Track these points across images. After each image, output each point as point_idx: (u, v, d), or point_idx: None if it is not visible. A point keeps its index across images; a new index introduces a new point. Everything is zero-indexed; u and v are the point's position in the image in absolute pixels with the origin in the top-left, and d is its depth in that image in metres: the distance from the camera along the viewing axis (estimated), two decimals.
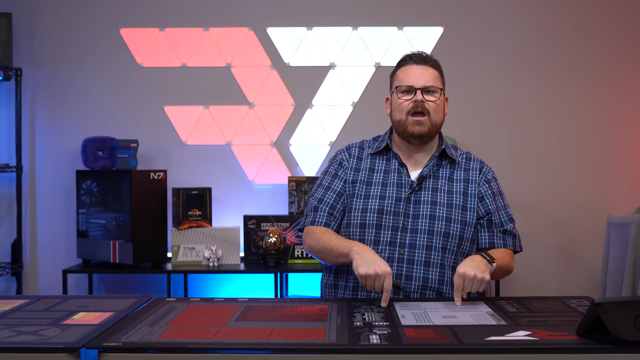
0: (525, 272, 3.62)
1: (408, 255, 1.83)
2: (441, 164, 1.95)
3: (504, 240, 1.90)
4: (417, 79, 1.90)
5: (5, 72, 3.48)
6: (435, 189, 1.90)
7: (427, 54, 1.97)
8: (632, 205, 3.57)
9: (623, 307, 1.23)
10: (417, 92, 1.88)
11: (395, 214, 1.86)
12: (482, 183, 1.94)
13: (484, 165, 1.99)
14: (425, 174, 1.91)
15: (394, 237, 1.84)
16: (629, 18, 3.62)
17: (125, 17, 3.66)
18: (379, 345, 1.29)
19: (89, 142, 3.41)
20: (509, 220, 1.93)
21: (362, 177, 1.94)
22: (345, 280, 1.88)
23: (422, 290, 1.81)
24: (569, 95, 3.64)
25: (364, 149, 2.00)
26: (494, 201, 1.93)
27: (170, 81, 3.67)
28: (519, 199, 3.61)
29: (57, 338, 1.35)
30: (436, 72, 1.94)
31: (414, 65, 1.93)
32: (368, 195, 1.90)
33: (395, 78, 1.96)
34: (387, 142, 1.97)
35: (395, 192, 1.89)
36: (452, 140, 3.52)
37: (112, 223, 3.38)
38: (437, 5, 3.64)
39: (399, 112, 1.91)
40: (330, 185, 1.95)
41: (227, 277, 3.62)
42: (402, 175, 1.91)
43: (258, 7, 3.66)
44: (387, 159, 1.97)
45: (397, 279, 1.78)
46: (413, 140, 1.92)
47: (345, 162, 1.99)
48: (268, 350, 1.28)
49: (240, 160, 3.67)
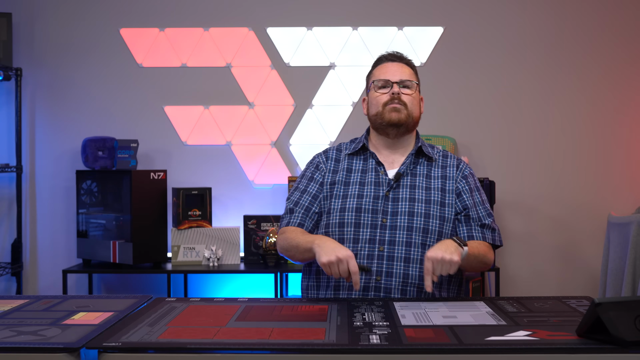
0: (525, 272, 3.62)
1: (388, 252, 1.84)
2: (418, 161, 1.97)
3: (483, 234, 1.91)
4: (393, 74, 1.95)
5: (5, 72, 3.48)
6: (413, 186, 1.92)
7: (401, 53, 2.02)
8: (632, 205, 3.57)
9: (623, 307, 1.23)
10: (394, 85, 1.92)
11: (374, 212, 1.87)
12: (460, 179, 1.96)
13: (461, 161, 2.02)
14: (402, 172, 1.93)
15: (373, 234, 1.85)
16: (629, 18, 3.62)
17: (125, 17, 3.66)
18: (379, 345, 1.29)
19: (89, 142, 3.41)
20: (487, 215, 1.94)
21: (339, 178, 1.96)
22: (327, 280, 1.89)
23: (403, 287, 1.82)
24: (569, 95, 3.64)
25: (342, 151, 2.03)
26: (472, 197, 1.94)
27: (170, 81, 3.67)
28: (519, 199, 3.61)
29: (57, 338, 1.35)
30: (411, 69, 1.99)
31: (389, 62, 1.98)
32: (346, 195, 1.91)
33: (371, 76, 2.01)
34: (364, 142, 2.00)
35: (373, 191, 1.91)
36: (452, 141, 3.52)
37: (112, 223, 3.38)
38: (437, 5, 3.64)
39: (376, 105, 1.95)
40: (306, 189, 1.98)
41: (227, 277, 3.62)
42: (379, 173, 1.93)
43: (258, 7, 3.66)
44: (364, 158, 1.99)
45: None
46: (391, 130, 1.94)
47: (322, 164, 2.01)
48: (268, 350, 1.28)
49: (240, 160, 3.67)
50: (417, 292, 1.83)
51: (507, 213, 3.61)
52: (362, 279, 1.81)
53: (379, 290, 1.82)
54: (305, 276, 1.97)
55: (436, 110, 3.64)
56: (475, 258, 1.82)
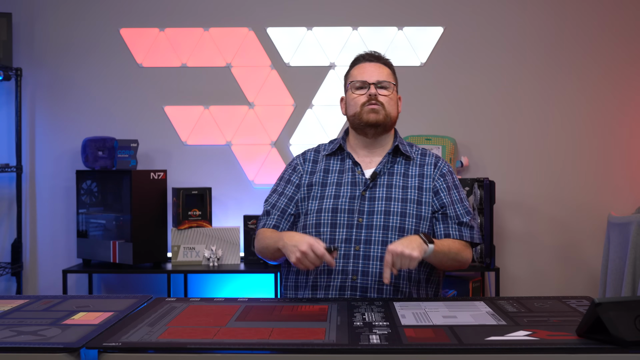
0: (525, 272, 3.62)
1: (364, 251, 1.84)
2: (396, 160, 1.98)
3: (460, 232, 1.91)
4: (370, 74, 1.96)
5: (5, 72, 3.48)
6: (389, 185, 1.92)
7: (379, 53, 2.03)
8: (632, 205, 3.57)
9: (623, 307, 1.23)
10: (371, 86, 1.94)
11: (350, 212, 1.88)
12: (437, 177, 1.97)
13: (439, 160, 2.02)
14: (378, 171, 1.94)
15: (349, 234, 1.86)
16: (629, 18, 3.62)
17: (125, 17, 3.66)
18: (379, 345, 1.29)
19: (89, 142, 3.41)
20: (465, 213, 1.94)
21: (317, 178, 1.97)
22: (305, 281, 1.90)
23: (379, 286, 1.83)
24: (569, 95, 3.64)
25: (320, 152, 2.04)
26: (449, 195, 1.95)
27: (170, 81, 3.67)
28: (519, 199, 3.61)
29: (57, 338, 1.35)
30: (389, 69, 2.00)
31: (367, 63, 1.99)
32: (323, 196, 1.93)
33: (349, 76, 2.02)
34: (341, 142, 2.01)
35: (350, 191, 1.92)
36: (452, 141, 3.52)
37: (112, 223, 3.38)
38: (437, 5, 3.64)
39: (354, 106, 1.96)
40: (283, 191, 2.00)
41: (227, 277, 3.62)
42: (355, 173, 1.94)
43: (258, 7, 3.66)
44: (341, 159, 2.00)
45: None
46: (369, 130, 1.95)
47: (299, 166, 2.03)
48: (268, 350, 1.28)
49: (240, 160, 3.67)
50: (394, 291, 1.84)
51: (507, 213, 3.61)
52: (339, 278, 1.83)
53: (355, 290, 1.83)
54: (284, 277, 1.99)
55: (436, 110, 3.64)
56: (445, 255, 1.83)
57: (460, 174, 3.59)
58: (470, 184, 3.24)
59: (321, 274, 1.85)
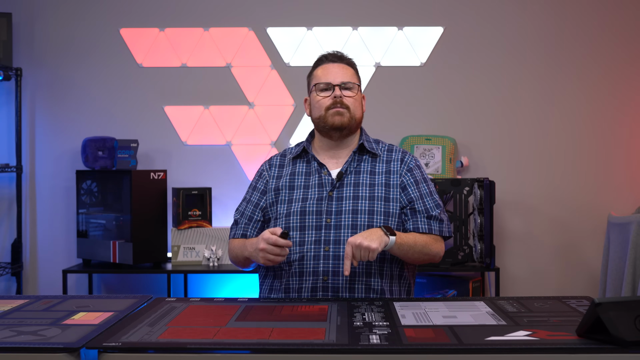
0: (525, 272, 3.62)
1: (333, 251, 1.85)
2: (362, 158, 1.98)
3: (429, 225, 1.91)
4: (334, 76, 1.95)
5: (5, 72, 3.48)
6: (356, 184, 1.92)
7: (342, 53, 2.02)
8: (632, 205, 3.57)
9: (623, 307, 1.24)
10: (335, 88, 1.93)
11: (318, 213, 1.89)
12: (404, 173, 1.96)
13: (406, 154, 2.01)
14: (344, 170, 1.94)
15: (318, 235, 1.87)
16: (629, 18, 3.62)
17: (125, 17, 3.66)
18: (379, 345, 1.29)
19: (89, 142, 3.41)
20: (434, 207, 1.94)
21: (284, 182, 1.98)
22: (279, 284, 1.91)
23: (351, 285, 1.83)
24: (569, 95, 3.63)
25: (286, 156, 2.05)
26: (417, 189, 1.94)
27: (171, 81, 3.67)
28: (519, 199, 3.61)
29: (57, 338, 1.35)
30: (352, 69, 1.99)
31: (330, 63, 1.98)
32: (291, 200, 1.93)
33: (312, 77, 2.00)
34: (305, 145, 2.01)
35: (317, 192, 1.92)
36: (452, 141, 3.52)
37: (112, 223, 3.38)
38: (437, 5, 3.64)
39: (318, 109, 1.95)
40: (250, 198, 2.02)
41: (227, 277, 3.62)
42: (322, 174, 1.94)
43: (258, 7, 3.66)
44: (307, 161, 2.00)
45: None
46: (334, 133, 1.95)
47: (265, 172, 2.04)
48: (268, 351, 1.28)
49: (240, 160, 3.67)
50: (365, 289, 1.84)
51: (507, 213, 3.61)
52: (310, 279, 1.84)
53: (327, 290, 1.83)
54: (260, 282, 2.01)
55: (436, 110, 3.64)
56: (411, 248, 1.83)
57: (460, 174, 3.59)
58: (470, 184, 3.24)
59: (293, 277, 1.87)
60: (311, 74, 2.01)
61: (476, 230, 3.21)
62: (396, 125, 3.61)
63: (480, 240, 3.20)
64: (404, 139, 3.55)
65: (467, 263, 3.24)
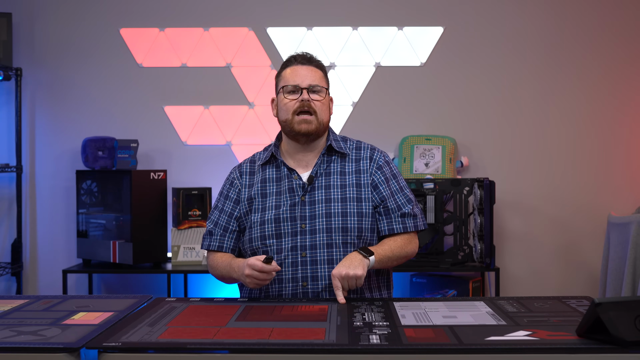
0: (525, 272, 3.62)
1: (310, 256, 1.85)
2: (331, 159, 1.96)
3: (404, 224, 1.91)
4: (302, 78, 1.92)
5: (5, 72, 3.48)
6: (327, 186, 1.92)
7: (311, 54, 1.99)
8: (632, 205, 3.56)
9: (623, 307, 1.24)
10: (303, 91, 1.91)
11: (292, 219, 1.88)
12: (374, 171, 1.96)
13: (375, 152, 2.00)
14: (314, 174, 1.93)
15: (294, 241, 1.86)
16: (629, 18, 3.62)
17: (125, 17, 3.66)
18: (379, 345, 1.29)
19: (89, 142, 3.41)
20: (406, 202, 1.94)
21: (256, 191, 1.95)
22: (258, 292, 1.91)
23: (330, 289, 1.82)
24: (569, 95, 3.63)
25: (255, 162, 2.02)
26: (388, 186, 1.94)
27: (171, 81, 3.67)
28: (519, 199, 3.61)
29: (57, 338, 1.35)
30: (321, 72, 1.97)
31: (299, 65, 1.95)
32: (264, 208, 1.92)
33: (280, 79, 1.98)
34: (273, 150, 1.98)
35: (289, 198, 1.90)
36: (452, 141, 3.52)
37: (112, 223, 3.38)
38: (437, 5, 3.64)
39: (285, 112, 1.93)
40: (223, 208, 1.99)
41: None
42: (292, 179, 1.93)
43: (258, 7, 3.66)
44: (276, 166, 1.98)
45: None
46: (301, 138, 1.94)
47: (236, 180, 2.00)
48: (268, 351, 1.28)
49: (240, 161, 3.66)
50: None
51: (507, 213, 3.61)
52: (290, 286, 1.85)
53: (307, 296, 1.84)
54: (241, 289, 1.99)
55: (436, 110, 3.64)
56: (389, 259, 1.86)
57: (460, 174, 3.59)
58: (470, 184, 3.24)
59: (272, 284, 1.87)
60: (279, 75, 1.98)
61: (476, 230, 3.21)
62: (396, 125, 3.61)
63: (480, 240, 3.20)
64: (404, 139, 3.55)
65: (467, 263, 3.24)
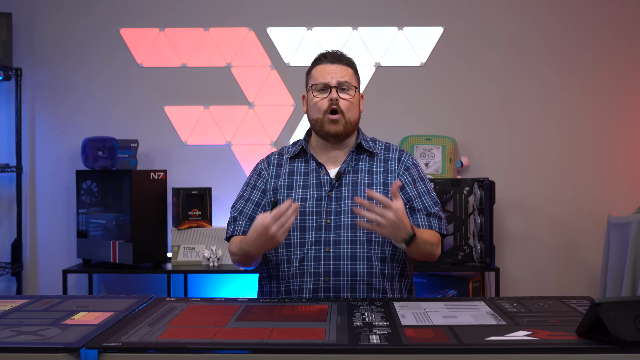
0: (525, 272, 3.62)
1: (334, 252, 1.85)
2: (360, 158, 1.98)
3: (429, 222, 1.92)
4: (332, 76, 1.93)
5: (5, 72, 3.48)
6: (355, 183, 1.92)
7: (342, 52, 2.00)
8: (632, 205, 3.57)
9: (623, 307, 1.24)
10: (332, 90, 1.91)
11: (318, 214, 1.88)
12: (402, 172, 1.97)
13: (403, 153, 2.01)
14: (343, 170, 1.94)
15: (318, 236, 1.86)
16: (629, 18, 3.62)
17: (125, 17, 3.66)
18: (379, 345, 1.29)
19: (89, 142, 3.41)
20: (433, 204, 1.95)
21: (282, 182, 1.96)
22: (277, 286, 1.91)
23: (352, 285, 1.83)
24: (569, 95, 3.63)
25: (283, 155, 2.03)
26: (415, 187, 1.95)
27: (171, 81, 3.67)
28: (519, 199, 3.61)
29: (57, 338, 1.35)
30: (351, 70, 1.97)
31: (328, 64, 1.96)
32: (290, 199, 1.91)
33: (310, 76, 1.99)
34: (303, 144, 2.00)
35: (316, 192, 1.91)
36: (452, 141, 3.52)
37: (112, 223, 3.38)
38: (437, 5, 3.64)
39: (316, 110, 1.94)
40: (250, 197, 1.99)
41: (227, 277, 3.62)
42: (320, 174, 1.94)
43: (258, 7, 3.66)
44: (305, 160, 1.99)
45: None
46: (330, 138, 1.95)
47: (264, 171, 2.02)
48: (268, 351, 1.28)
49: (240, 160, 3.67)
50: (367, 289, 1.84)
51: (507, 213, 3.61)
52: (311, 281, 1.84)
53: (328, 291, 1.83)
54: (260, 283, 2.00)
55: (436, 110, 3.64)
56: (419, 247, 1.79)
57: (460, 174, 3.59)
58: (470, 184, 3.24)
59: (294, 278, 1.86)
60: (309, 73, 2.00)
61: (476, 230, 3.21)
62: (396, 125, 3.61)
63: (480, 240, 3.20)
64: (404, 139, 3.55)
65: (467, 263, 3.24)
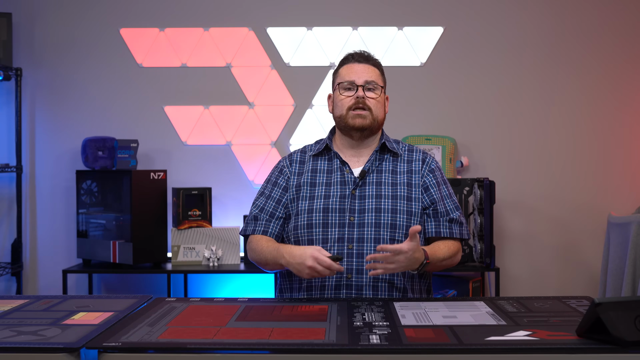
0: (525, 272, 3.62)
1: (357, 249, 1.85)
2: (383, 157, 1.99)
3: (450, 229, 1.93)
4: (358, 75, 1.95)
5: (5, 72, 3.48)
6: (379, 182, 1.93)
7: (369, 53, 2.02)
8: (632, 205, 3.56)
9: (623, 307, 1.24)
10: (359, 88, 1.93)
11: (341, 211, 1.89)
12: (426, 173, 1.98)
13: (427, 155, 2.03)
14: (367, 169, 1.94)
15: (342, 233, 1.87)
16: (629, 18, 3.62)
17: (125, 17, 3.66)
18: (379, 345, 1.29)
19: (89, 142, 3.41)
20: (455, 209, 1.96)
21: (305, 179, 1.97)
22: (299, 282, 1.90)
23: (374, 284, 1.84)
24: (569, 95, 3.63)
25: (306, 153, 2.04)
26: (439, 190, 1.96)
27: (171, 81, 3.67)
28: (519, 199, 3.61)
29: (57, 338, 1.35)
30: (377, 70, 2.00)
31: (355, 63, 1.99)
32: (313, 196, 1.93)
33: (337, 76, 2.01)
34: (327, 142, 2.01)
35: (340, 190, 1.92)
36: (452, 141, 3.52)
37: (112, 223, 3.38)
38: (437, 5, 3.64)
39: (340, 108, 1.96)
40: (270, 194, 1.99)
41: (227, 277, 3.62)
42: (344, 172, 1.95)
43: (258, 7, 3.66)
44: (328, 158, 2.00)
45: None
46: (354, 133, 1.96)
47: (286, 168, 2.02)
48: (268, 350, 1.28)
49: (240, 160, 3.67)
50: (389, 287, 1.85)
51: (507, 213, 3.61)
52: (334, 277, 1.83)
53: (350, 288, 1.83)
54: (279, 279, 1.99)
55: (436, 110, 3.64)
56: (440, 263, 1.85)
57: (460, 174, 3.59)
58: (470, 184, 3.24)
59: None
60: (336, 72, 2.02)
61: (476, 230, 3.21)
62: (396, 125, 3.60)
63: (480, 240, 3.20)
64: (404, 139, 3.55)
65: (467, 263, 3.24)
